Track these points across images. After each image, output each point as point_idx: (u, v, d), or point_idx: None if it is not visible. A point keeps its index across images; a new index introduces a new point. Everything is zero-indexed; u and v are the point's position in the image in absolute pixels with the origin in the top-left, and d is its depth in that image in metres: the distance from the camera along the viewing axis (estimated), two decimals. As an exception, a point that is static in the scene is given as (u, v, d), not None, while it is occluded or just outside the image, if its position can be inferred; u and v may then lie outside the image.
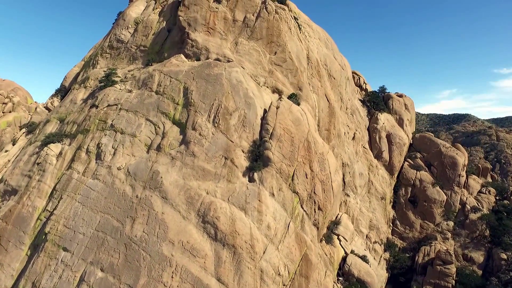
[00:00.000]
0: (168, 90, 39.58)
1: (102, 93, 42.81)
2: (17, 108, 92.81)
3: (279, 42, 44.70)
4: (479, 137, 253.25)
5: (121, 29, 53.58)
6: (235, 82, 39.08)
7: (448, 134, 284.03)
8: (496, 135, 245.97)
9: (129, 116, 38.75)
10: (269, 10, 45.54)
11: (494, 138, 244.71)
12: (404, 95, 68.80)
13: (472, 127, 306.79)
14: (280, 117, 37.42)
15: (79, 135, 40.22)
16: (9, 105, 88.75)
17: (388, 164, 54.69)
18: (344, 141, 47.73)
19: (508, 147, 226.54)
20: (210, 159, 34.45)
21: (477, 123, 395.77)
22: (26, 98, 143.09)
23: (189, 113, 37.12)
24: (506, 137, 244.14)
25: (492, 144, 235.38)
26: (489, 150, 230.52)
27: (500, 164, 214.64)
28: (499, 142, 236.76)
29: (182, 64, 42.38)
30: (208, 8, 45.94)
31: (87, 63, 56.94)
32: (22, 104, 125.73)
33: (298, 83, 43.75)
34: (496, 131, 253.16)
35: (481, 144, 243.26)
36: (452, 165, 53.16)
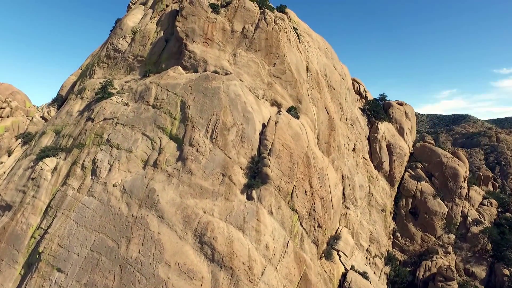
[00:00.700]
0: (165, 104, 38.91)
1: (98, 105, 42.13)
2: (15, 113, 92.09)
3: (278, 53, 44.03)
4: (479, 139, 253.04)
5: (118, 38, 52.90)
6: (233, 96, 38.42)
7: (448, 135, 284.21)
8: (496, 137, 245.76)
9: (125, 131, 38.07)
10: (268, 21, 44.87)
11: (494, 139, 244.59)
12: (405, 103, 68.18)
13: (472, 128, 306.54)
14: (279, 132, 36.76)
15: (74, 149, 39.54)
16: (7, 110, 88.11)
17: (389, 175, 54.03)
18: (344, 153, 47.08)
19: (508, 149, 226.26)
20: (207, 176, 33.79)
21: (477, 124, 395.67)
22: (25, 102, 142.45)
23: (186, 128, 36.45)
24: (506, 139, 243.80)
25: (492, 146, 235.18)
26: (489, 152, 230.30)
27: (500, 166, 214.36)
28: (499, 143, 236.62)
29: (179, 77, 41.70)
30: (206, 19, 45.26)
31: (84, 72, 56.29)
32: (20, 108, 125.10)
33: (298, 96, 43.09)
34: (496, 133, 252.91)
35: (481, 146, 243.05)
36: (453, 176, 52.50)
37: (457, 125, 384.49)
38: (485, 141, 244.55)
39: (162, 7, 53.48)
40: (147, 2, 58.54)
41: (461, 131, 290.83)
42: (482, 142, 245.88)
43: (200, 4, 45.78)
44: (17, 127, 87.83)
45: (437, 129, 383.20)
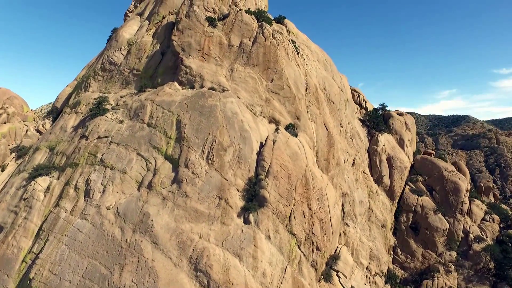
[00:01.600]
0: (161, 122, 38.03)
1: (92, 123, 41.23)
2: (12, 119, 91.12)
3: (276, 68, 43.17)
4: (479, 141, 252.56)
5: (114, 51, 51.99)
6: (230, 114, 37.55)
7: (448, 137, 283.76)
8: (496, 138, 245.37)
9: (119, 151, 37.18)
10: (266, 35, 43.99)
11: (494, 141, 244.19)
12: (405, 114, 67.34)
13: (471, 130, 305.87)
14: (277, 152, 35.90)
15: (68, 168, 38.64)
16: (4, 116, 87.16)
17: (389, 189, 53.19)
18: (343, 169, 46.23)
19: (508, 151, 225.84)
20: (203, 199, 32.92)
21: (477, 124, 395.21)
22: (22, 107, 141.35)
23: (182, 148, 35.58)
24: (506, 140, 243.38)
25: (492, 148, 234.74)
26: (488, 154, 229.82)
27: (500, 168, 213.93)
28: (499, 145, 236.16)
29: (175, 93, 40.82)
30: (202, 33, 44.38)
31: (79, 84, 55.40)
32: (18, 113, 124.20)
33: (296, 112, 42.24)
34: (496, 134, 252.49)
35: (481, 148, 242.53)
36: (454, 191, 51.68)
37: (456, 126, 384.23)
38: (485, 143, 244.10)
39: (159, 19, 52.61)
40: (143, 13, 57.67)
41: (461, 132, 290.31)
42: (482, 144, 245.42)
43: (197, 18, 44.91)
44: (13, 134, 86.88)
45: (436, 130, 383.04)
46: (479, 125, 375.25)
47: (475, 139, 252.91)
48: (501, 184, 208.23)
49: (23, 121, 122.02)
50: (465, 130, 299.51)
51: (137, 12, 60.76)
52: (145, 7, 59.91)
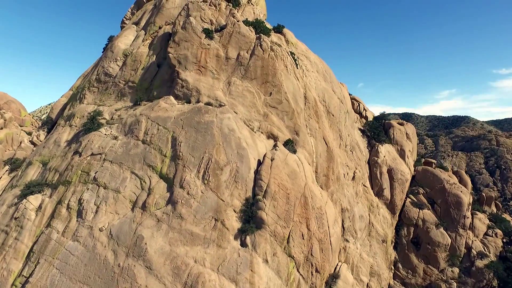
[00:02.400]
0: (155, 139, 37.02)
1: (86, 138, 40.22)
2: (9, 124, 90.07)
3: (274, 82, 42.18)
4: (479, 142, 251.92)
5: (109, 62, 50.98)
6: (227, 131, 36.55)
7: (448, 138, 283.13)
8: (496, 140, 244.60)
9: (113, 169, 36.16)
10: (264, 48, 42.99)
11: (494, 143, 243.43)
12: (406, 123, 66.40)
13: (471, 131, 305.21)
14: (275, 171, 34.90)
15: (60, 186, 37.63)
16: (1, 122, 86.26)
17: (390, 203, 52.20)
18: (343, 184, 45.24)
19: (508, 153, 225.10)
20: (198, 221, 31.92)
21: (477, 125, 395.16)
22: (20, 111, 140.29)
23: (177, 167, 34.57)
24: (506, 142, 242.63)
25: (492, 150, 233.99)
26: (489, 156, 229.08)
27: (500, 170, 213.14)
28: (499, 147, 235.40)
29: (171, 108, 39.82)
30: (199, 45, 43.38)
31: (74, 95, 54.40)
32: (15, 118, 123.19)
33: (295, 127, 41.25)
34: (496, 136, 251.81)
35: (481, 149, 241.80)
36: (456, 205, 50.68)
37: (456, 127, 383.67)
38: (485, 145, 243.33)
39: (155, 29, 51.61)
40: (139, 22, 56.68)
41: (461, 134, 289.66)
42: (482, 146, 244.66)
43: (193, 30, 43.90)
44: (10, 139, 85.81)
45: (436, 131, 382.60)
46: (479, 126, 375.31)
47: (475, 141, 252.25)
48: (502, 186, 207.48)
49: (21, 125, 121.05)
50: (465, 132, 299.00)
51: (133, 21, 59.78)
52: (141, 15, 58.93)
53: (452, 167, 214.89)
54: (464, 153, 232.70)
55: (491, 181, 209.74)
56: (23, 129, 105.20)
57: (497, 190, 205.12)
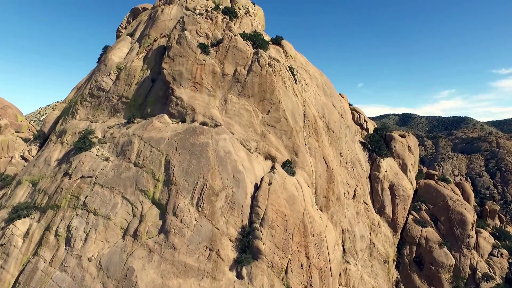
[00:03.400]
0: (148, 162, 35.49)
1: (76, 159, 38.69)
2: (5, 131, 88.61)
3: (272, 99, 40.66)
4: (479, 144, 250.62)
5: (103, 76, 49.44)
6: (223, 154, 35.03)
7: (448, 140, 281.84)
8: (497, 142, 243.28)
9: (104, 193, 34.62)
10: (262, 64, 41.46)
11: (495, 145, 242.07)
12: (407, 135, 64.88)
13: (472, 133, 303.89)
14: (273, 197, 33.38)
15: (49, 210, 36.09)
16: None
17: (391, 220, 50.70)
18: (343, 204, 43.73)
19: (509, 155, 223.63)
20: (192, 251, 30.38)
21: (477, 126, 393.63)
22: (16, 116, 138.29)
23: (170, 193, 33.03)
24: (507, 144, 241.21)
25: (493, 152, 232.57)
26: (489, 158, 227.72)
27: (501, 173, 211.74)
28: (499, 149, 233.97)
29: (165, 128, 38.28)
30: (194, 61, 41.85)
31: (66, 109, 52.83)
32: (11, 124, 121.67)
33: (294, 146, 39.73)
34: (496, 138, 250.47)
35: (482, 151, 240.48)
36: (460, 223, 49.21)
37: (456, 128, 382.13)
38: (485, 147, 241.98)
39: (150, 42, 50.08)
40: (134, 33, 55.14)
41: (461, 135, 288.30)
42: (482, 148, 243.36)
43: (188, 45, 42.38)
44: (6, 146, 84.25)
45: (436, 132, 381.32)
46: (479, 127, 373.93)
47: (475, 143, 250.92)
48: (502, 189, 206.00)
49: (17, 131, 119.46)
50: (466, 133, 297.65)
51: (128, 31, 58.23)
52: (136, 26, 57.41)
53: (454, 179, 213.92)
54: (465, 155, 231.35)
55: (492, 184, 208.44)
56: (19, 135, 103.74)
57: (498, 193, 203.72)
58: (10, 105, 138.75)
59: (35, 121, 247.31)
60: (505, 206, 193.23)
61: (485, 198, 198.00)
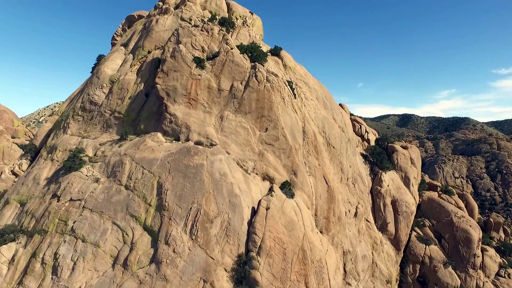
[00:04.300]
0: (140, 185, 33.79)
1: (66, 179, 37.02)
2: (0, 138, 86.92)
3: (270, 116, 38.98)
4: (480, 146, 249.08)
5: (95, 89, 47.76)
6: (218, 177, 33.34)
7: (448, 141, 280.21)
8: (497, 144, 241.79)
9: (93, 219, 32.92)
10: (259, 79, 39.79)
11: (495, 147, 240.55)
12: (410, 146, 63.21)
13: (472, 134, 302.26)
14: (271, 223, 31.69)
15: (36, 235, 34.39)
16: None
17: (394, 238, 49.04)
18: (345, 224, 42.05)
19: (510, 157, 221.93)
20: (185, 283, 28.67)
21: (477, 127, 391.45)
22: (13, 121, 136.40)
23: (163, 219, 31.34)
24: (507, 146, 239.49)
25: (493, 154, 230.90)
26: (490, 160, 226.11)
27: (502, 175, 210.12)
28: (500, 151, 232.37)
29: (158, 148, 36.59)
30: (189, 75, 40.18)
31: (58, 122, 51.14)
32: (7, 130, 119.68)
33: (293, 166, 38.04)
34: (497, 140, 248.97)
35: (482, 153, 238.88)
36: (465, 241, 47.57)
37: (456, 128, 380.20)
38: (486, 148, 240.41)
39: (144, 54, 48.39)
40: (128, 44, 53.46)
41: (462, 137, 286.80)
42: (483, 150, 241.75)
43: (183, 59, 40.71)
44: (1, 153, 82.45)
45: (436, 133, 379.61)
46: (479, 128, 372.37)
47: (475, 144, 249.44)
48: (503, 191, 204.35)
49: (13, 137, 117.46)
50: (466, 135, 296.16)
51: (122, 41, 56.53)
52: (131, 36, 55.74)
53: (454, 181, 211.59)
54: (465, 157, 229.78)
55: (492, 186, 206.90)
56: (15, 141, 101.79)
57: (499, 195, 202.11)
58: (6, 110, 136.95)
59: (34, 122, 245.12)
60: (506, 209, 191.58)
61: (486, 200, 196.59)
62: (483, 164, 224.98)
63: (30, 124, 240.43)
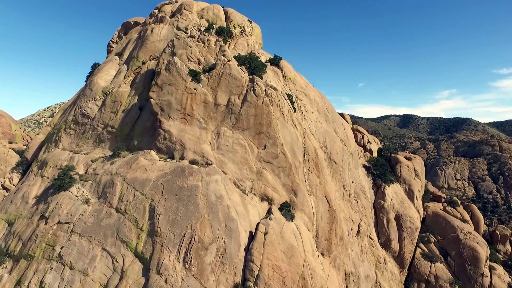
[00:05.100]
0: (131, 208, 32.06)
1: (55, 200, 35.31)
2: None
3: (269, 132, 37.22)
4: (482, 147, 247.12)
5: (88, 101, 46.06)
6: (214, 199, 31.59)
7: (450, 143, 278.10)
8: (499, 145, 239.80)
9: (81, 244, 31.19)
10: (258, 93, 38.03)
11: (497, 148, 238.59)
12: (413, 157, 61.38)
13: (474, 136, 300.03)
14: (269, 250, 29.91)
15: (22, 260, 32.69)
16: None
17: (398, 255, 47.24)
18: (347, 244, 40.26)
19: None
20: (178, 317, 26.96)
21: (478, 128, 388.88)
22: (10, 125, 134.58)
23: (155, 246, 29.59)
24: (510, 147, 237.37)
25: (495, 155, 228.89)
26: (492, 162, 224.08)
27: (504, 177, 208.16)
28: (502, 153, 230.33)
29: (151, 168, 34.85)
30: (184, 89, 38.45)
31: (50, 135, 49.45)
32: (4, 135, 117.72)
33: (292, 185, 36.27)
34: (499, 141, 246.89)
35: (484, 155, 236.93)
36: (473, 260, 45.74)
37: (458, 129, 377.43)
38: (487, 150, 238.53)
39: (138, 65, 46.66)
40: (123, 53, 51.74)
41: (463, 138, 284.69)
42: (484, 151, 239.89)
43: (178, 72, 38.99)
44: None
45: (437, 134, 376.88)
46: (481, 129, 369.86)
47: (477, 146, 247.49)
48: (505, 194, 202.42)
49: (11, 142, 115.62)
50: (468, 136, 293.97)
51: (117, 50, 54.85)
52: (125, 45, 54.03)
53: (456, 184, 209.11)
54: (467, 159, 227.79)
55: (495, 188, 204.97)
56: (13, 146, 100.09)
57: (501, 198, 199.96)
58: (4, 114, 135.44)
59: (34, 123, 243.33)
60: (508, 211, 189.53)
61: (488, 203, 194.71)
62: (485, 166, 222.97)
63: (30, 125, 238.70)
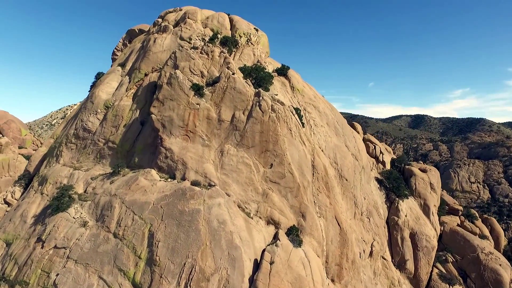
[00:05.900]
0: (129, 234, 30.35)
1: (52, 222, 33.92)
2: (6, 149, 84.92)
3: (276, 150, 35.08)
4: (497, 149, 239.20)
5: (89, 114, 44.75)
6: (216, 225, 29.63)
7: (464, 145, 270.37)
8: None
9: (77, 272, 29.61)
10: (263, 108, 35.94)
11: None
12: (429, 169, 58.34)
13: (488, 137, 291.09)
14: (275, 281, 27.78)
15: (17, 286, 31.33)
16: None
17: (414, 277, 44.53)
18: (359, 267, 37.84)
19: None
20: None
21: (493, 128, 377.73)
22: (20, 130, 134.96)
23: (153, 276, 27.78)
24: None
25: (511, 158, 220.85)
26: (508, 164, 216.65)
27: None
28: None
29: (151, 189, 33.11)
30: (187, 105, 36.64)
31: (52, 149, 48.36)
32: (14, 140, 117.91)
33: (301, 207, 34.06)
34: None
35: (500, 157, 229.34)
36: (495, 284, 42.73)
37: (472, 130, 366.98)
38: (503, 152, 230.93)
39: (140, 77, 45.15)
40: (125, 64, 50.35)
41: (477, 140, 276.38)
42: (500, 153, 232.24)
43: (180, 86, 37.21)
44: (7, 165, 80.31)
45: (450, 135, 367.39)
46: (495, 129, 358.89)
47: (492, 148, 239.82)
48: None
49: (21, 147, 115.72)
50: (482, 137, 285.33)
51: (120, 60, 53.52)
52: (128, 55, 52.63)
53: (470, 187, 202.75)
54: (481, 161, 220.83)
55: (511, 192, 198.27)
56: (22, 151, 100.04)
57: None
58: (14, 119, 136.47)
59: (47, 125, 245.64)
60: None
61: (504, 207, 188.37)
62: (500, 169, 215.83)
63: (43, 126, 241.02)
